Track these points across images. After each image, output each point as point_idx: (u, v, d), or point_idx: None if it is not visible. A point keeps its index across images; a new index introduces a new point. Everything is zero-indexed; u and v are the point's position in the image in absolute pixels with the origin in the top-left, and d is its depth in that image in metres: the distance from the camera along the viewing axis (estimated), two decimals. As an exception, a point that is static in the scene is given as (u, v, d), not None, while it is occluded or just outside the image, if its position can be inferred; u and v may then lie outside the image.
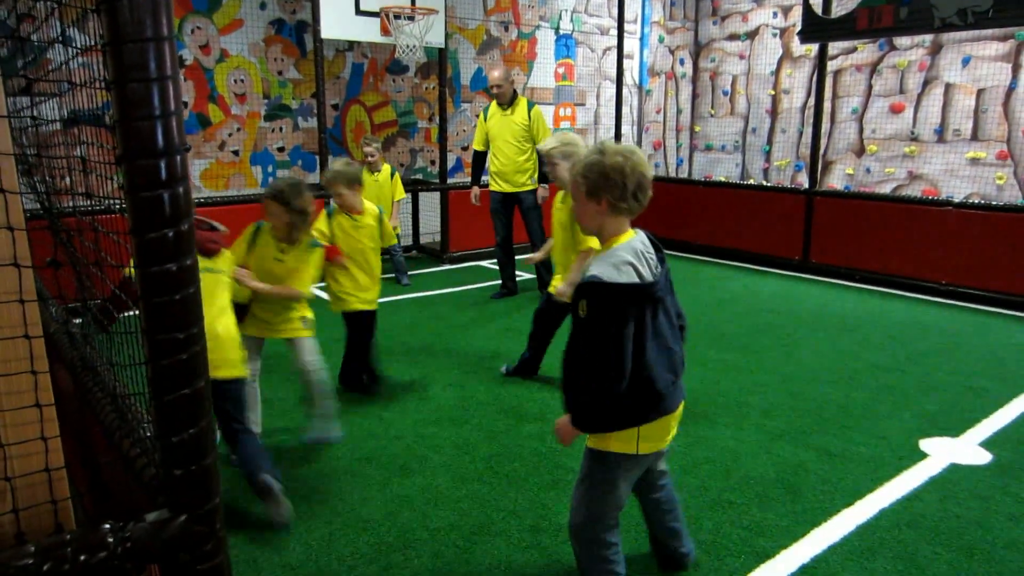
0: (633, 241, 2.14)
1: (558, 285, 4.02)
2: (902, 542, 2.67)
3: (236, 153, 7.25)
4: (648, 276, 2.08)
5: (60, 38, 2.15)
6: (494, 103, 6.06)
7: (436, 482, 3.12)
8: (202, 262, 2.56)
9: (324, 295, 4.23)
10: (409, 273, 6.94)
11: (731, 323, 5.53)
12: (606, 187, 2.08)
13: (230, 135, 7.20)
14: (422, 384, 4.27)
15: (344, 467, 3.26)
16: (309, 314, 3.49)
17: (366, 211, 3.97)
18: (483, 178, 6.36)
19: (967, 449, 3.42)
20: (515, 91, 6.06)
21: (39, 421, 1.14)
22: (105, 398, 1.66)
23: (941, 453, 3.37)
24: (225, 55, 7.02)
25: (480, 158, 6.29)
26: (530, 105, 6.01)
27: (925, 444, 3.47)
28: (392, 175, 6.57)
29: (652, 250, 2.17)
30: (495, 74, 5.95)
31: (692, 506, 2.91)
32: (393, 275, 6.76)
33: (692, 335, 5.17)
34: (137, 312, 1.12)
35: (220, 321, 2.85)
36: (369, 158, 6.46)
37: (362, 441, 3.52)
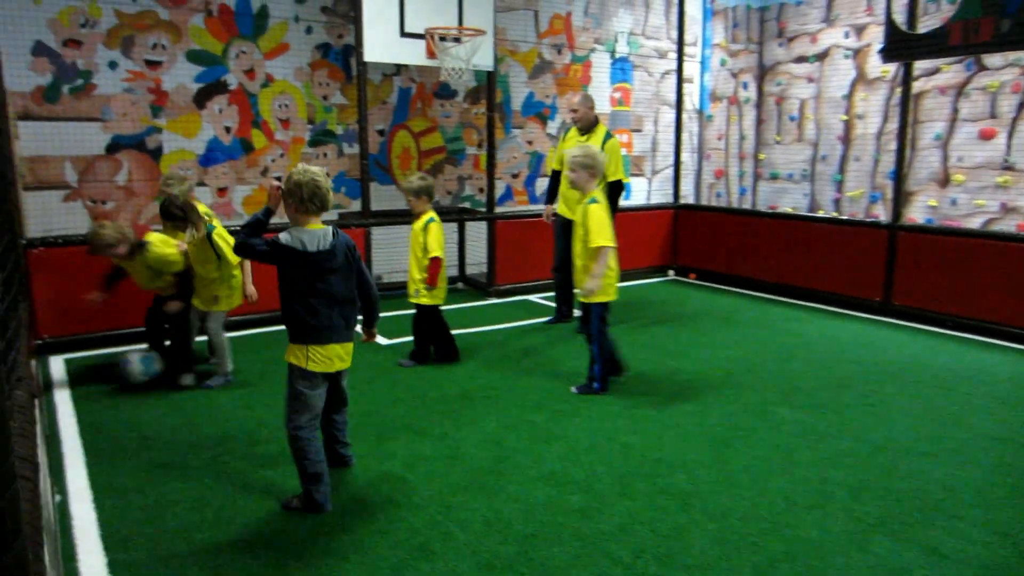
0: (315, 231, 2.99)
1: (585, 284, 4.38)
2: None
3: (280, 179, 6.99)
4: (312, 249, 2.95)
5: None
6: (575, 126, 5.97)
7: (459, 569, 2.63)
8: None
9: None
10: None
11: (805, 375, 4.91)
12: (292, 195, 2.97)
13: (273, 161, 6.96)
14: (455, 440, 3.80)
15: (354, 542, 2.81)
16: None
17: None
18: (557, 200, 6.18)
19: (1117, 554, 2.75)
20: (596, 118, 5.91)
21: None
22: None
23: (1084, 558, 2.72)
24: (270, 80, 6.80)
25: (556, 177, 6.10)
26: (607, 136, 5.81)
27: (1061, 544, 2.82)
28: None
29: (331, 238, 3.01)
30: (573, 99, 5.92)
31: (770, 624, 2.34)
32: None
33: (760, 388, 4.64)
34: None
35: None
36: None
37: (378, 509, 3.07)
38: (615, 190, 5.75)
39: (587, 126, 5.83)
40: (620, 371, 4.73)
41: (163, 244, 4.54)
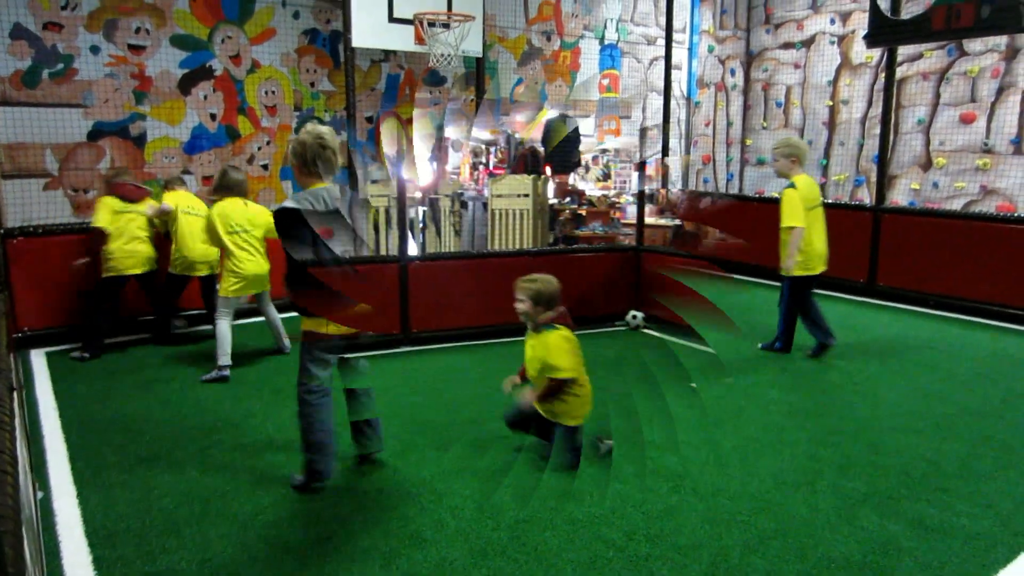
0: (319, 190, 3.02)
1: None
2: (1032, 657, 2.12)
3: (266, 167, 6.96)
4: (320, 208, 2.96)
5: None
6: None
7: (451, 556, 2.65)
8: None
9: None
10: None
11: (793, 357, 4.97)
12: (296, 156, 3.02)
13: (259, 148, 6.92)
14: (446, 424, 3.82)
15: (346, 533, 2.81)
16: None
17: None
18: None
19: (1095, 525, 2.83)
20: None
21: None
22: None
23: (1064, 530, 2.79)
24: (256, 65, 6.75)
25: None
26: None
27: (1042, 517, 2.89)
28: None
29: (338, 197, 3.07)
30: None
31: (761, 597, 2.39)
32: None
33: (750, 371, 4.69)
34: None
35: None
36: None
37: (370, 499, 3.08)
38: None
39: None
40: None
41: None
